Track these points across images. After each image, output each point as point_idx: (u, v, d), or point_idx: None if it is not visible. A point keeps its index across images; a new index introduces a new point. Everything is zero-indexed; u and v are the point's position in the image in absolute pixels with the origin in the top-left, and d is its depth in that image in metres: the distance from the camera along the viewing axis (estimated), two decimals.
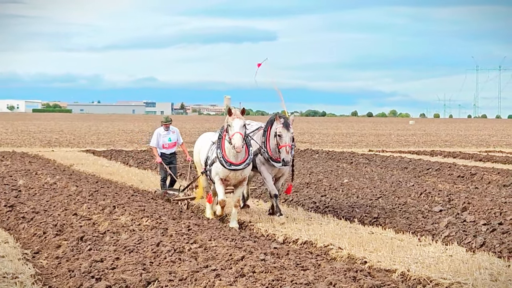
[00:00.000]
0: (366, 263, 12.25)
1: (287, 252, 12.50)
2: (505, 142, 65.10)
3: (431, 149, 49.53)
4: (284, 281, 10.16)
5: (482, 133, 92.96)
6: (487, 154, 41.63)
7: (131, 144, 52.04)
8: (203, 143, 17.94)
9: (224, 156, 16.27)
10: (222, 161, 16.26)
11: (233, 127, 15.89)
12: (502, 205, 18.31)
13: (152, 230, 14.39)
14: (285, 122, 16.76)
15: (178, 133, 21.94)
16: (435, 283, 10.87)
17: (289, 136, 16.68)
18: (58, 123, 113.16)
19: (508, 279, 10.94)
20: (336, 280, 10.27)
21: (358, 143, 59.85)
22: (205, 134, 18.44)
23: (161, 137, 21.53)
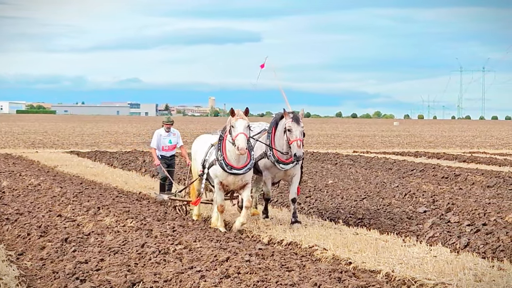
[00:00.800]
0: (351, 264, 12.26)
1: (272, 253, 12.50)
2: (489, 143, 65.35)
3: (415, 150, 49.66)
4: (269, 282, 10.17)
5: (466, 134, 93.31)
6: (471, 155, 41.77)
7: (116, 145, 51.94)
8: (199, 145, 17.15)
9: (225, 159, 15.45)
10: (222, 164, 15.44)
11: (237, 128, 15.06)
12: (486, 206, 18.39)
13: (137, 231, 14.36)
14: (294, 116, 15.88)
15: (179, 135, 21.26)
16: (419, 284, 10.89)
17: (300, 130, 15.78)
18: (42, 124, 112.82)
19: (492, 279, 10.98)
20: (321, 281, 10.28)
21: (343, 144, 59.95)
22: (202, 137, 17.64)
23: (161, 138, 20.89)
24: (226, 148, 15.46)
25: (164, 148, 20.85)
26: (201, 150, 16.78)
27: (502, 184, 25.02)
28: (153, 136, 20.98)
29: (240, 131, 14.98)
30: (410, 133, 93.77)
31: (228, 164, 15.39)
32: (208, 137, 17.10)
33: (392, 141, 67.07)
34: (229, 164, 15.38)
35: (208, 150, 16.35)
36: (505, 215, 16.71)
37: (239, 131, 14.99)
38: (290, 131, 15.71)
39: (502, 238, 14.06)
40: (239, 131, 14.99)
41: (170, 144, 20.89)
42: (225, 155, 15.45)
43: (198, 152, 16.97)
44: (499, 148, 55.89)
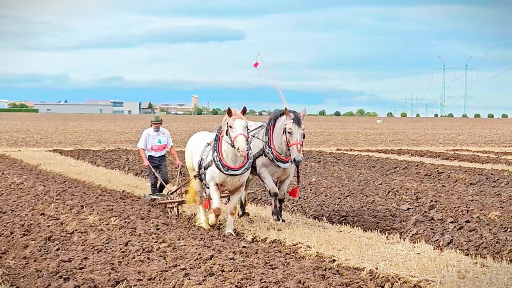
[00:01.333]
0: (335, 261, 12.27)
1: (256, 251, 12.50)
2: (472, 140, 65.59)
3: (399, 148, 49.78)
4: (253, 280, 10.17)
5: (449, 132, 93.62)
6: (454, 153, 41.91)
7: (99, 144, 51.79)
8: (195, 143, 16.35)
9: (222, 160, 14.76)
10: (219, 165, 14.75)
11: (235, 129, 14.36)
12: (469, 203, 18.45)
13: (121, 230, 14.34)
14: (296, 117, 15.26)
15: (169, 135, 20.60)
16: (403, 281, 10.91)
17: (300, 132, 15.22)
18: (24, 123, 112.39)
19: (476, 276, 11.02)
20: (305, 278, 10.29)
21: (326, 142, 60.02)
22: (198, 134, 16.79)
23: (150, 138, 20.19)
24: (222, 149, 14.81)
25: (154, 148, 20.22)
26: (198, 148, 16.06)
27: (485, 181, 25.12)
28: (141, 135, 20.37)
29: (239, 132, 14.33)
30: (393, 131, 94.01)
31: (224, 165, 14.74)
32: (205, 134, 16.37)
33: (376, 139, 67.22)
34: (225, 165, 14.75)
35: (204, 149, 15.67)
36: (488, 212, 16.78)
37: (238, 132, 14.34)
38: (290, 133, 15.19)
39: (485, 235, 14.12)
40: (238, 132, 14.34)
41: (159, 144, 20.25)
42: (222, 156, 14.79)
43: (195, 150, 16.19)
44: (482, 145, 56.11)
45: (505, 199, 19.94)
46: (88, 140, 57.38)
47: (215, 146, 14.93)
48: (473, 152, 43.73)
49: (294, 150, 15.12)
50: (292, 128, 15.16)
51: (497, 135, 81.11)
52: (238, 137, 14.26)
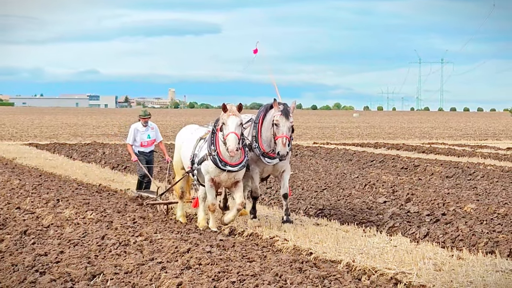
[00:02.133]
0: (312, 254, 12.29)
1: (233, 244, 12.49)
2: (447, 134, 65.88)
3: (375, 141, 49.90)
4: (230, 273, 10.16)
5: (425, 125, 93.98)
6: (430, 146, 42.07)
7: (75, 137, 51.56)
8: (185, 137, 15.64)
9: (219, 154, 14.06)
10: (216, 160, 14.06)
11: (228, 126, 13.77)
12: (445, 196, 18.54)
13: (97, 223, 14.28)
14: (284, 109, 14.45)
15: (157, 129, 19.98)
16: (380, 273, 10.94)
17: (288, 125, 14.37)
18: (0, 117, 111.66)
19: (452, 268, 11.07)
20: (282, 271, 10.29)
21: (303, 135, 60.06)
22: (187, 128, 16.13)
23: (138, 133, 19.55)
24: (219, 143, 14.13)
25: (143, 144, 19.61)
26: (188, 143, 15.33)
27: (461, 174, 25.25)
28: (130, 131, 19.75)
29: (231, 130, 13.75)
30: (370, 125, 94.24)
31: (222, 160, 14.07)
32: (195, 128, 15.78)
33: (352, 133, 67.35)
34: (223, 160, 14.07)
35: (196, 144, 14.97)
36: (464, 205, 16.86)
37: (230, 130, 13.76)
38: (277, 126, 14.40)
39: (461, 227, 14.18)
40: (230, 130, 13.75)
41: (148, 139, 19.67)
42: (219, 150, 14.09)
43: (185, 145, 15.50)
44: (458, 139, 56.37)
45: (481, 192, 20.07)
46: (64, 134, 57.09)
47: (212, 139, 14.27)
48: (449, 146, 43.92)
49: (279, 144, 14.33)
50: (279, 120, 14.39)
51: (473, 129, 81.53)
52: (229, 136, 13.73)
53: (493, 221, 14.96)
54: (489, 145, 44.38)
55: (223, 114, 13.97)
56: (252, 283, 9.55)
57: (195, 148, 14.93)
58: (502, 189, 20.77)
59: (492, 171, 25.80)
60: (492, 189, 20.65)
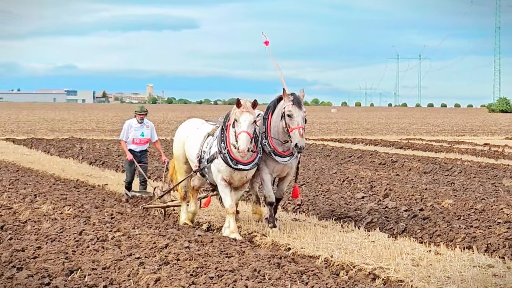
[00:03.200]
0: (290, 249, 12.30)
1: (211, 240, 12.48)
2: (425, 130, 66.15)
3: (353, 137, 50.03)
4: (209, 268, 10.15)
5: (403, 121, 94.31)
6: (408, 142, 42.23)
7: (52, 133, 51.31)
8: (190, 132, 14.51)
9: (230, 152, 13.12)
10: (227, 159, 13.12)
11: (240, 124, 12.78)
12: (423, 192, 18.61)
13: (75, 219, 14.22)
14: (295, 98, 13.37)
15: (153, 128, 18.87)
16: (358, 269, 10.96)
17: (302, 115, 13.29)
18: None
19: (429, 263, 11.11)
20: (260, 266, 10.29)
21: None
22: (190, 122, 14.99)
23: (132, 130, 18.49)
24: (230, 140, 13.15)
25: (135, 141, 18.57)
26: (194, 139, 14.26)
27: (438, 170, 25.36)
28: (123, 127, 18.76)
29: (243, 129, 12.75)
30: (348, 120, 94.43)
31: (233, 158, 13.13)
32: (200, 123, 14.70)
33: (330, 128, 67.46)
34: (234, 158, 13.13)
35: (204, 141, 13.93)
36: (441, 200, 16.93)
37: (242, 128, 12.76)
38: (290, 117, 13.26)
39: (439, 223, 14.25)
40: (242, 129, 12.75)
41: (142, 138, 18.58)
42: (229, 148, 13.14)
43: (190, 141, 14.39)
44: (435, 134, 56.60)
45: (458, 187, 20.16)
46: (41, 129, 56.79)
47: (222, 136, 13.29)
48: (427, 141, 44.08)
49: (296, 135, 13.14)
50: (292, 111, 13.24)
51: (450, 125, 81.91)
52: (241, 135, 12.74)
53: (471, 217, 15.03)
54: (467, 141, 44.59)
55: (235, 110, 12.95)
56: (230, 279, 9.54)
57: (202, 145, 13.91)
58: (479, 184, 20.88)
59: (469, 167, 25.93)
60: (469, 185, 20.74)
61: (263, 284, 9.36)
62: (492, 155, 32.29)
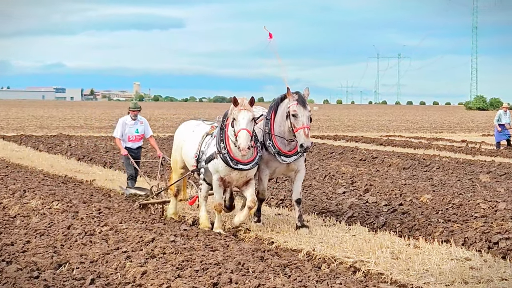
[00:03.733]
0: (273, 243, 12.31)
1: (196, 234, 12.47)
2: (404, 127, 66.30)
3: (335, 133, 50.05)
4: (194, 262, 10.13)
5: (383, 118, 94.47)
6: (388, 139, 42.31)
7: (41, 129, 51.11)
8: (187, 134, 14.28)
9: (230, 152, 12.74)
10: (226, 158, 12.75)
11: (239, 122, 12.39)
12: (402, 187, 18.65)
13: (63, 214, 14.18)
14: (300, 97, 12.89)
15: (147, 124, 18.43)
16: (339, 262, 10.98)
17: (307, 115, 12.84)
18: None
19: (408, 257, 11.13)
20: (244, 260, 10.29)
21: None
22: (186, 124, 14.75)
23: (127, 127, 17.98)
24: (229, 140, 12.79)
25: (130, 139, 18.06)
26: (192, 139, 13.95)
27: (417, 166, 25.43)
28: (117, 124, 18.21)
29: (242, 127, 12.35)
30: (329, 117, 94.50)
31: (233, 158, 12.74)
32: (196, 124, 14.39)
33: (312, 125, 66.59)
34: (234, 158, 12.74)
35: (202, 140, 13.61)
36: (420, 195, 16.96)
37: (241, 126, 12.37)
38: (295, 117, 12.79)
39: (418, 217, 14.29)
40: (241, 127, 12.37)
41: (137, 134, 18.11)
42: (229, 148, 12.77)
43: (187, 143, 14.11)
44: (414, 131, 56.74)
45: (437, 183, 20.22)
46: (30, 126, 56.56)
47: (221, 135, 12.92)
48: (406, 138, 44.19)
49: (301, 135, 12.70)
50: (296, 110, 12.77)
51: (429, 122, 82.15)
52: (240, 133, 12.34)
53: (448, 211, 15.07)
54: (445, 138, 44.73)
55: (233, 109, 12.59)
56: (215, 272, 9.54)
57: (201, 145, 13.57)
58: (457, 180, 20.94)
59: (447, 163, 26.01)
60: (447, 180, 20.81)
61: (247, 276, 9.36)
62: (469, 152, 32.39)
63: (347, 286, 9.01)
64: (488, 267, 10.65)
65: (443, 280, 9.93)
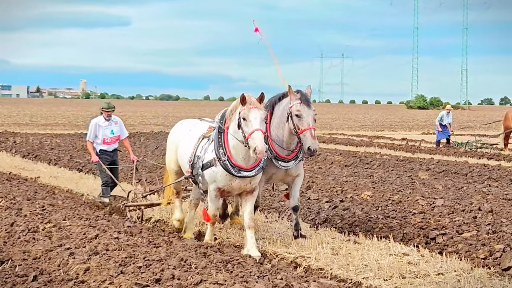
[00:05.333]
0: (216, 239, 12.31)
1: (140, 231, 12.40)
2: (347, 125, 66.78)
3: None
4: (137, 258, 10.07)
5: (326, 116, 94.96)
6: (330, 136, 42.57)
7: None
8: (180, 136, 12.73)
9: (230, 159, 11.15)
10: (228, 166, 11.13)
11: (251, 122, 10.69)
12: (344, 184, 18.77)
13: (6, 211, 13.98)
14: (303, 96, 11.66)
15: (122, 124, 16.86)
16: (281, 257, 11.03)
17: (312, 114, 11.60)
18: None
19: (348, 252, 11.23)
20: (187, 256, 10.26)
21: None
22: (184, 123, 13.14)
23: (101, 129, 16.43)
24: (229, 144, 11.23)
25: (106, 141, 16.53)
26: (187, 141, 12.35)
27: (359, 163, 25.62)
28: (90, 126, 16.63)
29: (256, 127, 10.64)
30: None
31: (235, 165, 11.14)
32: (193, 124, 12.87)
33: None
34: (236, 165, 11.14)
35: (198, 143, 11.97)
36: (361, 192, 17.10)
37: (254, 126, 10.66)
38: (299, 117, 11.52)
39: (358, 213, 14.39)
40: (255, 127, 10.65)
41: (112, 136, 16.57)
42: (229, 154, 11.17)
43: (182, 145, 12.51)
44: (356, 130, 57.18)
45: (377, 180, 20.39)
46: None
47: (219, 140, 11.32)
48: (348, 136, 44.51)
49: (308, 137, 11.45)
50: (300, 110, 11.52)
51: (371, 120, 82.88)
52: (255, 134, 10.60)
53: (388, 208, 15.21)
54: (385, 136, 45.18)
55: (241, 108, 10.94)
56: (157, 268, 9.49)
57: (196, 149, 11.92)
58: (396, 177, 21.14)
59: (387, 160, 26.26)
60: (387, 177, 21.00)
61: (189, 272, 9.33)
62: (409, 149, 32.76)
63: (287, 281, 9.04)
64: (425, 262, 10.80)
65: (381, 275, 10.04)
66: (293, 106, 11.59)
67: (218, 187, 11.39)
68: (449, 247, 11.75)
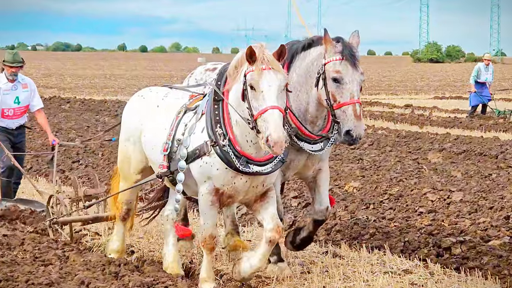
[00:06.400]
0: (134, 253, 12.42)
1: (21, 242, 12.40)
2: None
3: None
4: (16, 282, 10.09)
5: None
6: None
7: None
8: (148, 112, 11.10)
9: (233, 143, 9.75)
10: (229, 154, 9.72)
11: (263, 94, 9.22)
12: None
13: None
14: (346, 49, 10.25)
15: (35, 89, 15.53)
16: (227, 278, 11.14)
17: (358, 80, 10.19)
18: None
19: (325, 270, 11.40)
20: (90, 277, 10.33)
21: (127, 87, 59.83)
22: (148, 93, 11.47)
23: (0, 94, 15.02)
24: (231, 120, 9.85)
25: (6, 114, 15.10)
26: (157, 120, 10.87)
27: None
28: None
29: (271, 103, 9.16)
30: None
31: (240, 152, 9.76)
32: (162, 94, 11.25)
33: None
34: (242, 154, 9.76)
35: (179, 120, 10.47)
36: (345, 183, 17.43)
37: (269, 102, 9.18)
38: (339, 83, 10.11)
39: (340, 214, 14.67)
40: (269, 103, 9.17)
41: (17, 106, 15.13)
42: (232, 135, 9.81)
43: (150, 125, 10.99)
44: None
45: (368, 165, 20.65)
46: None
47: (216, 113, 9.94)
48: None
49: (349, 115, 10.09)
50: (342, 72, 10.12)
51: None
52: (269, 114, 9.12)
53: (383, 205, 15.41)
54: (382, 102, 45.41)
55: (248, 68, 9.43)
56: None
57: (175, 129, 10.44)
58: (396, 161, 21.28)
59: (384, 137, 26.65)
60: (382, 161, 21.19)
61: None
62: (416, 121, 32.86)
63: None
64: (435, 282, 10.87)
65: None
66: (330, 63, 10.23)
67: (215, 187, 10.05)
68: (470, 260, 11.85)
